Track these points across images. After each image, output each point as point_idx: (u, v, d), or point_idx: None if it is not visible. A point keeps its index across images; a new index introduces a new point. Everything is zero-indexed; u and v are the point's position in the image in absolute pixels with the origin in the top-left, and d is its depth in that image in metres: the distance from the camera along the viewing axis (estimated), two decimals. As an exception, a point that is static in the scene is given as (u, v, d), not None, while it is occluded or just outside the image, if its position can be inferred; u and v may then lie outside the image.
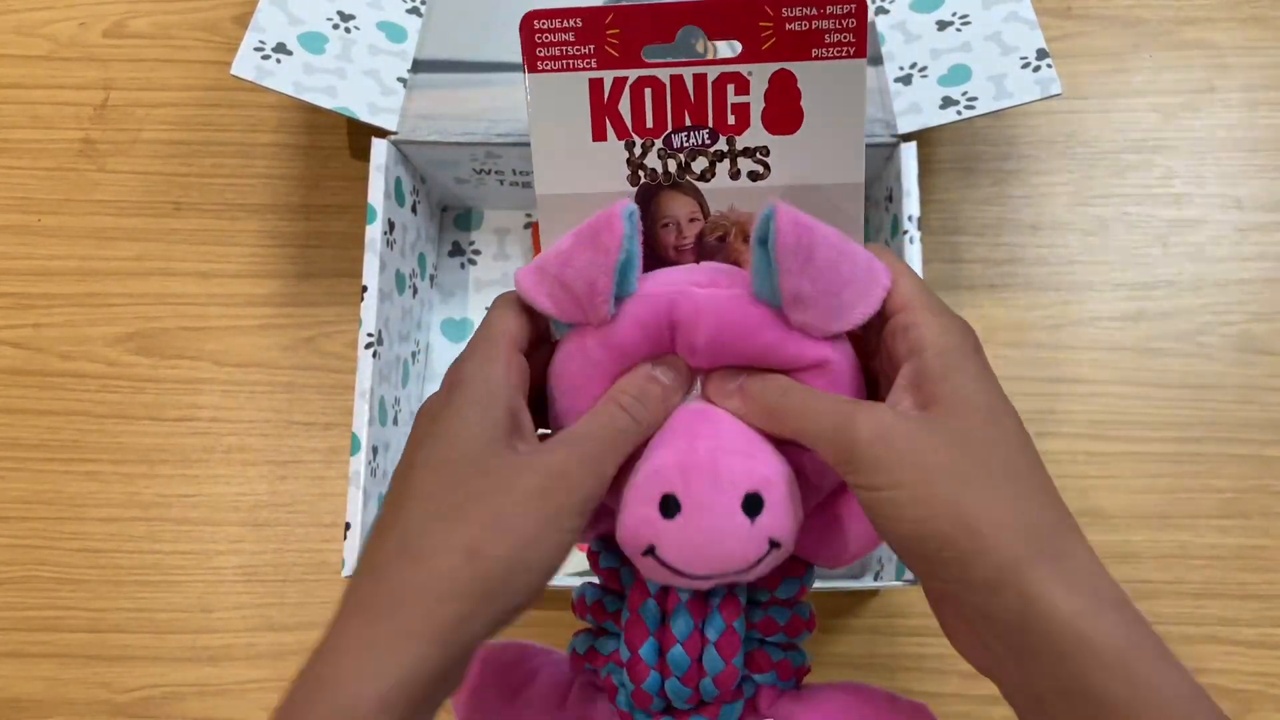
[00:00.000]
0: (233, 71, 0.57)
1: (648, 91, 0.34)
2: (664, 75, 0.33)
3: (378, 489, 0.56)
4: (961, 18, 0.60)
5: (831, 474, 0.34)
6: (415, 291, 0.63)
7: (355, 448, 0.54)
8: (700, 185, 0.35)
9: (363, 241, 0.57)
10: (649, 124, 0.34)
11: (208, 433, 0.66)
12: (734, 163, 0.35)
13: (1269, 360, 0.65)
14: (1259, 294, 0.66)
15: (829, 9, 0.32)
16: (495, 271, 0.67)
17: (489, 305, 0.36)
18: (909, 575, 0.52)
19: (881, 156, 0.60)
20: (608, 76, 0.34)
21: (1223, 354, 0.65)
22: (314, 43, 0.60)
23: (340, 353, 0.66)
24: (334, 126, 0.71)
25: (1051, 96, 0.56)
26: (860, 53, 0.33)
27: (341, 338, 0.67)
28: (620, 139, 0.35)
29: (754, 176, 0.35)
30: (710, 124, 0.34)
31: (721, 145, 0.34)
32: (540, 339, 0.36)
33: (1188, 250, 0.67)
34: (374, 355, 0.55)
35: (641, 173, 0.35)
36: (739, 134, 0.34)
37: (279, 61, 0.58)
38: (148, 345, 0.68)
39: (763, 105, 0.33)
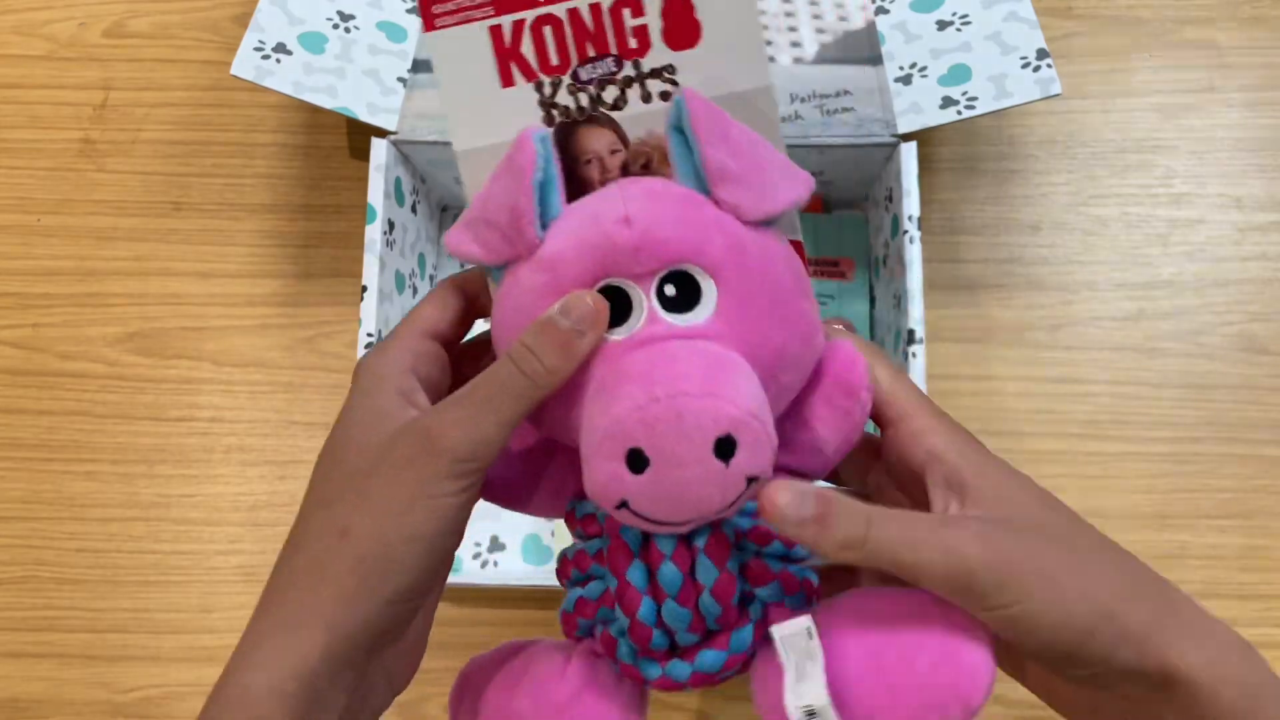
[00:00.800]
0: (233, 71, 0.57)
1: (547, 30, 0.34)
2: (560, 11, 0.33)
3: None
4: (961, 18, 0.60)
5: (799, 373, 0.33)
6: (415, 291, 0.63)
7: None
8: (615, 115, 0.35)
9: (362, 241, 0.57)
10: (554, 61, 0.34)
11: (207, 433, 0.66)
12: (643, 86, 0.34)
13: (1269, 360, 0.65)
14: (1259, 294, 0.66)
15: None
16: (495, 271, 0.67)
17: None
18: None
19: (882, 156, 0.60)
20: (505, 21, 0.34)
21: (1223, 354, 0.65)
22: (314, 42, 0.60)
23: (340, 353, 0.66)
24: (334, 126, 0.71)
25: (1052, 96, 0.56)
26: None
27: (341, 338, 0.67)
28: (529, 81, 0.34)
29: (665, 96, 0.34)
30: (614, 51, 0.34)
31: (629, 70, 0.34)
32: (467, 320, 0.36)
33: (1188, 250, 0.67)
34: (374, 355, 0.55)
35: (555, 112, 0.35)
36: (643, 56, 0.34)
37: (279, 61, 0.58)
38: (147, 345, 0.68)
39: (660, 23, 0.33)
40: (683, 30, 0.33)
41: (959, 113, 0.57)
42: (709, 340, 0.31)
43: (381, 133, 0.59)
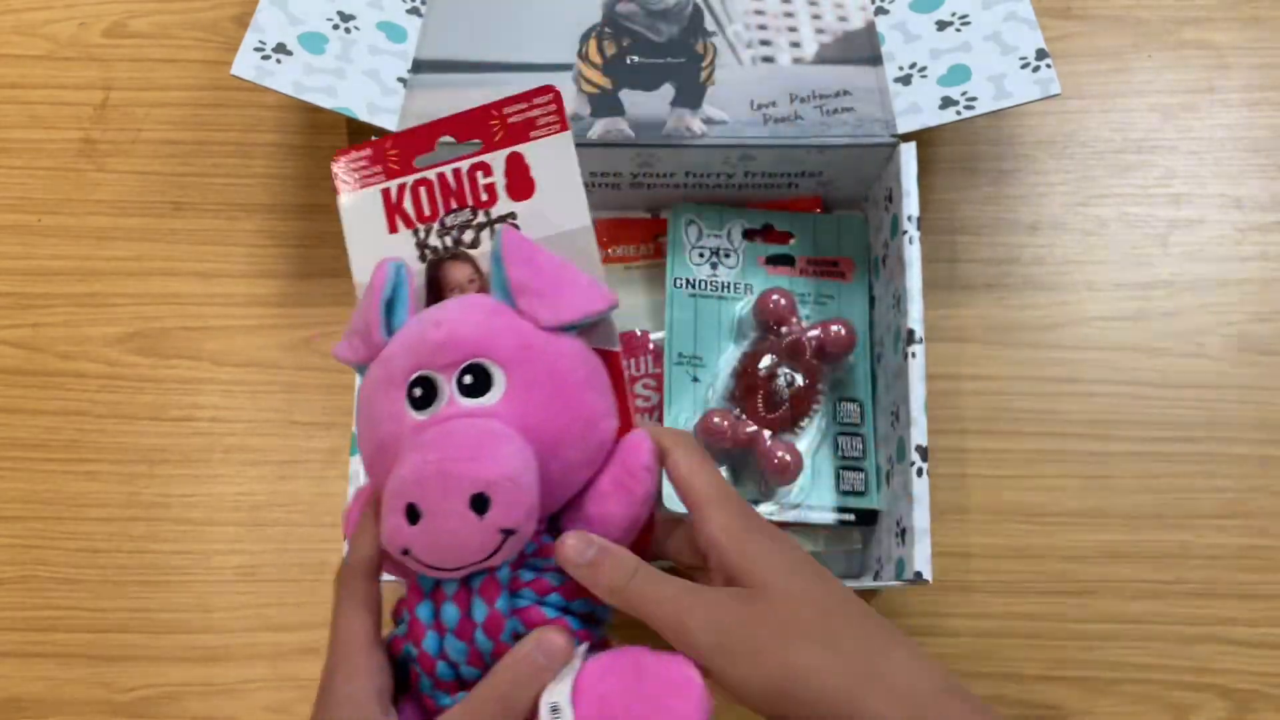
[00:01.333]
0: (233, 71, 0.57)
1: (422, 189, 0.44)
2: (432, 175, 0.44)
3: (378, 489, 0.56)
4: (961, 18, 0.60)
5: (583, 453, 0.40)
6: (415, 292, 0.63)
7: (355, 448, 0.54)
8: (472, 252, 0.44)
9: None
10: (426, 213, 0.44)
11: (208, 433, 0.66)
12: (492, 230, 0.44)
13: (1269, 360, 0.65)
14: (1258, 294, 0.66)
15: (535, 101, 0.43)
16: (495, 271, 0.68)
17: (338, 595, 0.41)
18: (908, 575, 0.52)
19: (881, 156, 0.60)
20: (393, 185, 0.45)
21: (1222, 354, 0.65)
22: (314, 43, 0.60)
23: (340, 353, 0.67)
24: (334, 126, 0.71)
25: (1051, 97, 0.56)
26: (563, 127, 0.43)
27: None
28: (409, 228, 0.44)
29: None
30: (470, 203, 0.44)
31: (481, 218, 0.44)
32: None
33: (1187, 250, 0.67)
34: (374, 355, 0.55)
35: (427, 251, 0.44)
36: (491, 207, 0.44)
37: (279, 62, 0.58)
38: (147, 345, 0.68)
39: (504, 181, 0.43)
40: (521, 186, 0.43)
41: (958, 113, 0.57)
42: (494, 419, 0.37)
43: (382, 133, 0.59)
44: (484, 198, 0.44)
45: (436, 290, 0.44)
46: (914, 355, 0.54)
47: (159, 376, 0.67)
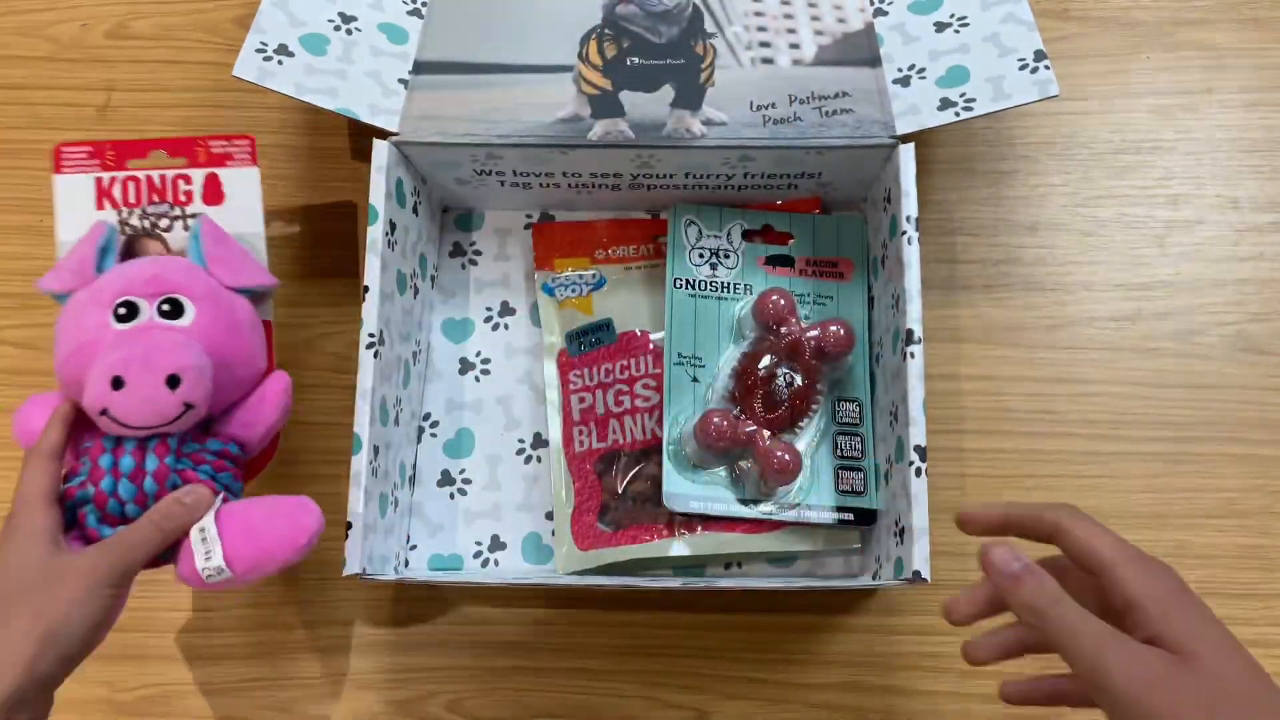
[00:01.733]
0: (235, 73, 0.57)
1: (130, 184, 0.60)
2: (141, 175, 0.60)
3: (379, 489, 0.56)
4: (960, 19, 0.61)
5: (247, 370, 0.56)
6: (416, 292, 0.63)
7: (356, 447, 0.54)
8: (166, 236, 0.59)
9: (363, 242, 0.57)
10: (131, 200, 0.59)
11: (209, 432, 0.66)
12: (185, 221, 0.60)
13: (1266, 360, 0.65)
14: (1256, 294, 0.66)
15: (235, 142, 0.59)
16: (496, 272, 0.68)
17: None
18: (907, 574, 0.52)
19: (880, 157, 0.60)
20: (105, 176, 0.59)
21: (1220, 354, 0.65)
22: (315, 44, 0.60)
23: (341, 352, 0.67)
24: (335, 128, 0.71)
25: (1049, 98, 0.56)
26: (254, 163, 0.60)
27: (342, 338, 0.67)
28: (114, 209, 0.59)
29: None
30: (170, 200, 0.59)
31: (178, 212, 0.60)
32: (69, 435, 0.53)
33: (1185, 251, 0.67)
34: (375, 355, 0.56)
35: (128, 228, 0.59)
36: (188, 206, 0.60)
37: (280, 63, 0.58)
38: (149, 345, 0.68)
39: (202, 190, 0.60)
40: (214, 196, 0.60)
41: (957, 114, 0.57)
42: (188, 333, 0.53)
43: (383, 134, 0.59)
44: (183, 199, 0.59)
45: (130, 257, 0.58)
46: (913, 355, 0.54)
47: (160, 376, 0.67)
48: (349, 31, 0.62)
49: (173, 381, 0.50)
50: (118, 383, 0.50)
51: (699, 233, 0.64)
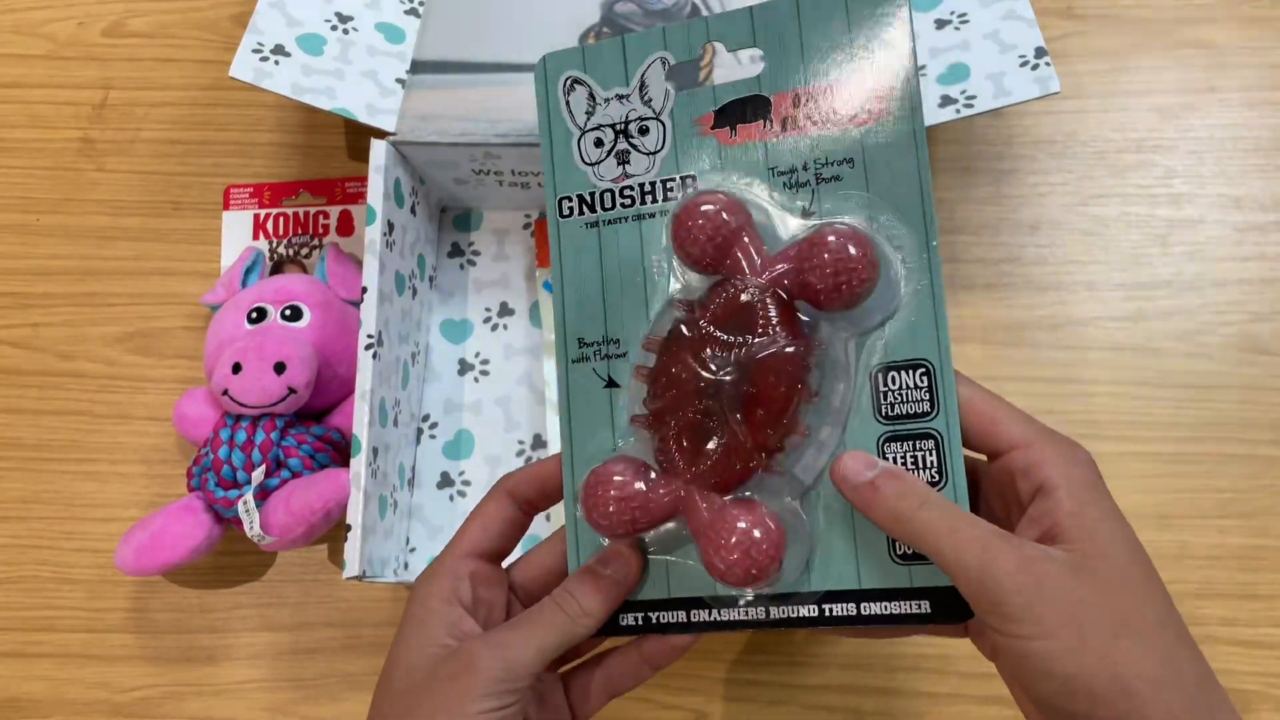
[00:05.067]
0: (231, 73, 0.57)
1: (281, 219, 0.69)
2: (289, 212, 0.69)
3: (378, 490, 0.56)
4: (960, 16, 0.60)
5: (348, 371, 0.61)
6: (415, 293, 0.63)
7: (355, 449, 0.54)
8: (306, 261, 0.68)
9: (361, 241, 0.57)
10: (281, 233, 0.69)
11: (207, 433, 0.66)
12: (322, 248, 0.68)
13: (1268, 360, 0.65)
14: (1258, 294, 0.66)
15: (366, 184, 0.66)
16: (495, 272, 0.67)
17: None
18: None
19: (880, 156, 0.59)
20: (260, 212, 0.69)
21: (1222, 354, 0.65)
22: (312, 44, 0.60)
23: (339, 353, 0.67)
24: (333, 127, 0.71)
25: (1050, 95, 0.56)
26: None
27: (340, 338, 0.67)
28: (266, 240, 0.69)
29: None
30: (309, 233, 0.68)
31: (316, 243, 0.68)
32: (520, 524, 0.40)
33: (1187, 250, 0.67)
34: (374, 356, 0.55)
35: (276, 255, 0.68)
36: (325, 236, 0.68)
37: (277, 63, 0.58)
38: (147, 345, 0.68)
39: (336, 224, 0.69)
40: (345, 228, 0.69)
41: (958, 111, 0.57)
42: (301, 333, 0.61)
43: (380, 134, 0.59)
44: (321, 231, 0.69)
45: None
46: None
47: (158, 376, 0.67)
48: (346, 31, 0.61)
49: (279, 368, 0.58)
50: (237, 368, 0.58)
51: (590, 99, 0.36)
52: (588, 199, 0.36)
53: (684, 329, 0.33)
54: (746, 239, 0.33)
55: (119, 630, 0.63)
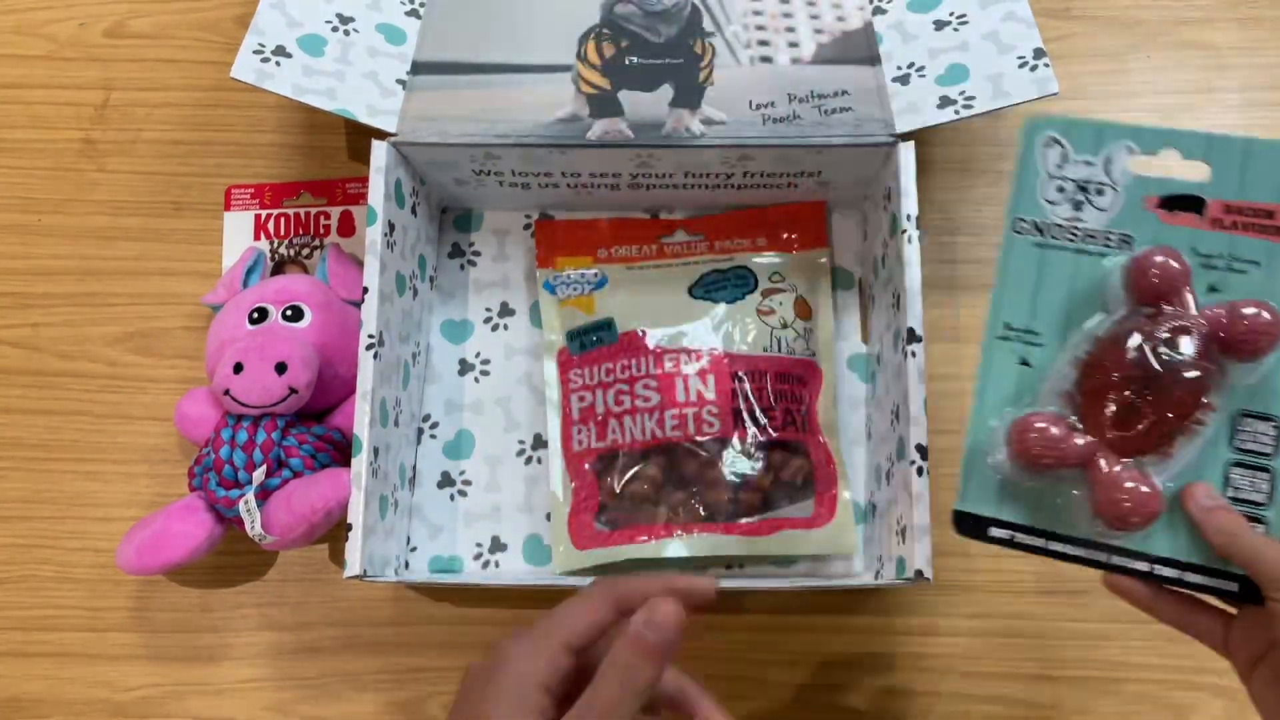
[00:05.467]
0: (232, 74, 0.57)
1: (282, 219, 0.69)
2: (290, 212, 0.69)
3: (379, 490, 0.56)
4: (959, 17, 0.61)
5: (348, 370, 0.60)
6: (415, 293, 0.63)
7: (356, 449, 0.54)
8: (307, 262, 0.69)
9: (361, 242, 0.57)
10: (282, 233, 0.69)
11: (208, 433, 0.66)
12: (323, 249, 0.69)
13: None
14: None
15: (367, 185, 0.59)
16: (495, 273, 0.68)
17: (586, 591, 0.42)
18: (909, 574, 0.52)
19: (879, 156, 0.60)
20: (262, 213, 0.69)
21: (1221, 354, 0.65)
22: (313, 45, 0.60)
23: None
24: (333, 127, 0.71)
25: (1049, 96, 0.56)
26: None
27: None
28: (267, 240, 0.69)
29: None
30: (310, 233, 0.69)
31: (316, 242, 0.69)
32: (608, 628, 0.41)
33: (1186, 250, 0.67)
34: (375, 357, 0.55)
35: (276, 256, 0.68)
36: (326, 237, 0.69)
37: (278, 64, 0.58)
38: (148, 345, 0.68)
39: (337, 225, 0.69)
40: (346, 228, 0.69)
41: (957, 112, 0.57)
42: (302, 333, 0.61)
43: (381, 134, 0.59)
44: (322, 232, 0.69)
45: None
46: (914, 354, 0.54)
47: (159, 376, 0.67)
48: (347, 32, 0.62)
49: (280, 368, 0.58)
50: (238, 368, 0.59)
51: (1062, 155, 0.46)
52: (1040, 225, 0.46)
53: (1136, 339, 0.43)
54: (1187, 289, 0.44)
55: (120, 629, 0.63)
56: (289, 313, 0.62)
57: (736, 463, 0.60)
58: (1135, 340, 0.43)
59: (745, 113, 0.60)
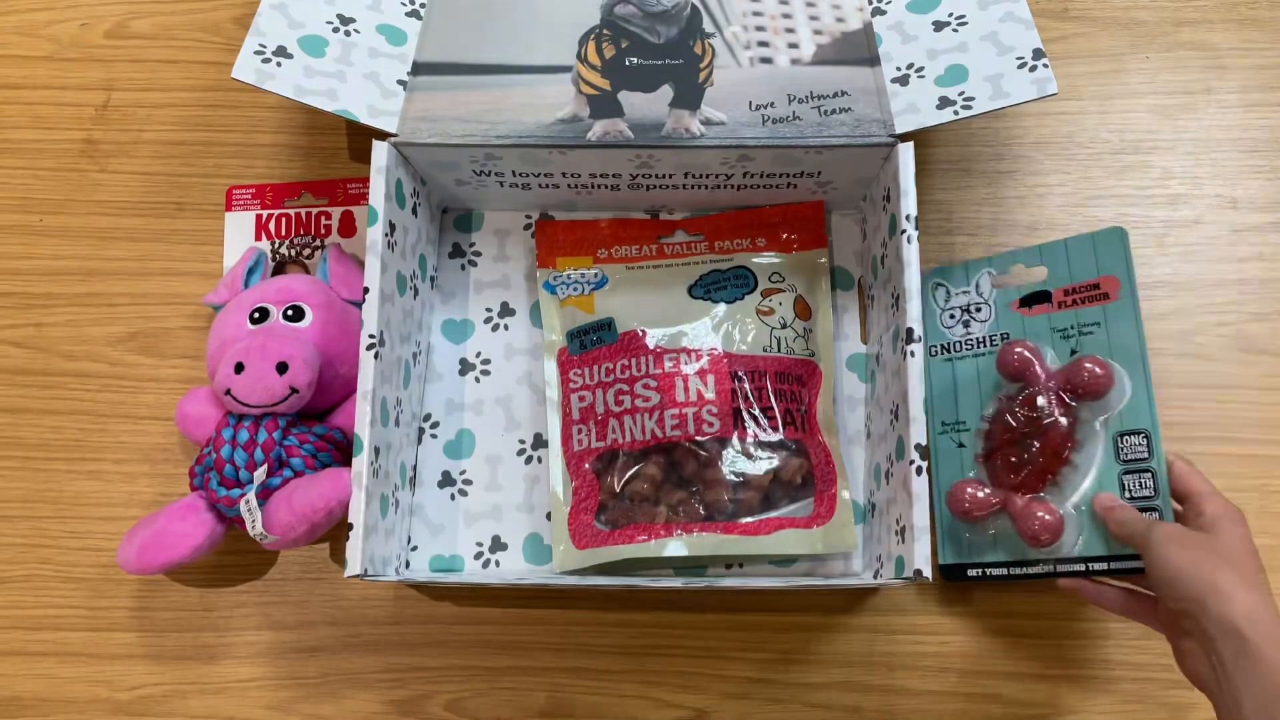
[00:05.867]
0: (233, 75, 0.57)
1: (284, 220, 0.69)
2: (291, 212, 0.70)
3: (380, 490, 0.56)
4: (958, 18, 0.61)
5: (348, 370, 0.62)
6: (416, 293, 0.63)
7: (358, 449, 0.54)
8: (308, 262, 0.69)
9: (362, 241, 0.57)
10: (283, 233, 0.69)
11: (209, 432, 0.66)
12: (323, 249, 0.69)
13: (1266, 360, 0.65)
14: (1255, 294, 0.66)
15: (368, 185, 0.59)
16: (495, 273, 0.68)
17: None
18: (908, 573, 0.52)
19: (879, 156, 0.60)
20: (263, 213, 0.70)
21: (1220, 354, 0.65)
22: (314, 46, 0.60)
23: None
24: (334, 128, 0.72)
25: (1048, 96, 0.56)
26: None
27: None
28: (269, 240, 0.69)
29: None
30: (312, 233, 0.69)
31: (317, 243, 0.69)
32: None
33: (1184, 250, 0.67)
34: (376, 356, 0.56)
35: (278, 255, 0.69)
36: (327, 237, 0.69)
37: (279, 65, 0.58)
38: (149, 345, 0.68)
39: (338, 225, 0.69)
40: (347, 228, 0.69)
41: (956, 113, 0.57)
42: (304, 333, 0.62)
43: (382, 135, 0.59)
44: (323, 232, 0.69)
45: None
46: (913, 354, 0.54)
47: (161, 376, 0.67)
48: (347, 33, 0.62)
49: (282, 368, 0.59)
50: (239, 368, 0.59)
51: (947, 294, 0.63)
52: (946, 346, 0.63)
53: (1007, 411, 0.59)
54: (1038, 365, 0.59)
55: (121, 629, 0.63)
56: (290, 312, 0.62)
57: (736, 462, 0.61)
58: (1009, 410, 0.58)
59: (745, 113, 0.60)
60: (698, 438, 0.60)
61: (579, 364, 0.64)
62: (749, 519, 0.60)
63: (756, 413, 0.61)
